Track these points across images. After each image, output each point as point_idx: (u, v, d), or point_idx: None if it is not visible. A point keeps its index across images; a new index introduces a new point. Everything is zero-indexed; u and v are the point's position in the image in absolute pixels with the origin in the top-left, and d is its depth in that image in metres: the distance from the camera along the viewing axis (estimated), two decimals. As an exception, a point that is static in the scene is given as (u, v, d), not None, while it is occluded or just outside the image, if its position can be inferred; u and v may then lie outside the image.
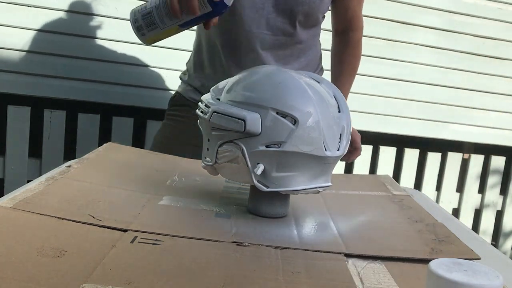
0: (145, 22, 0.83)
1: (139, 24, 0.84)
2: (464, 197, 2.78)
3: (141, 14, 0.83)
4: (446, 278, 0.41)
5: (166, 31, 0.85)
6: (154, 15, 0.82)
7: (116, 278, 0.52)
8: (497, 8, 2.54)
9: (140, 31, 0.85)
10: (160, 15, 0.82)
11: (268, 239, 0.70)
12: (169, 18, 0.82)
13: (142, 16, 0.83)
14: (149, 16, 0.83)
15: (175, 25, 0.84)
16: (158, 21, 0.83)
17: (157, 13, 0.82)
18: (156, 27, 0.83)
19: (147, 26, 0.84)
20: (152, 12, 0.82)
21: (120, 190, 0.83)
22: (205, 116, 0.76)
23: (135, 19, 0.84)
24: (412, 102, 2.53)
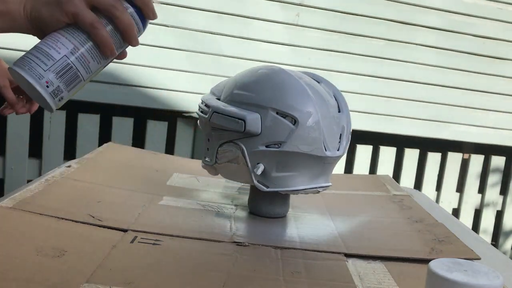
0: (65, 80, 0.56)
1: (56, 87, 0.55)
2: (464, 197, 2.78)
3: (54, 71, 0.55)
4: (446, 278, 0.41)
5: (87, 80, 0.60)
6: (75, 65, 0.56)
7: (116, 278, 0.52)
8: (497, 8, 2.54)
9: (57, 96, 0.56)
10: (84, 62, 0.57)
11: (268, 239, 0.70)
12: (96, 61, 0.58)
13: (58, 74, 0.55)
14: (69, 69, 0.56)
15: (101, 68, 0.60)
16: (82, 72, 0.57)
17: (79, 61, 0.56)
18: (80, 80, 0.57)
19: (67, 85, 0.56)
20: (70, 63, 0.55)
21: (120, 190, 0.83)
22: (205, 116, 0.76)
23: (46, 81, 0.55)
24: (412, 102, 2.53)
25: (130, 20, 0.58)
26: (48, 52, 0.54)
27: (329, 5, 2.35)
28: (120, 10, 0.56)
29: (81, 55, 0.56)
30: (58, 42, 0.55)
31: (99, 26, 0.55)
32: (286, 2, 2.30)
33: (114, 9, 0.56)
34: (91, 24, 0.55)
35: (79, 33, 0.56)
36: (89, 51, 0.56)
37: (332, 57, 2.40)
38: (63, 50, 0.55)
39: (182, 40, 2.18)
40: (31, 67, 0.54)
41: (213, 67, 2.24)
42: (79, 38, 0.56)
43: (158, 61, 2.19)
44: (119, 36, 0.58)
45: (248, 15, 2.26)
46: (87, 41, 0.56)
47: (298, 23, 2.33)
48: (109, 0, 0.56)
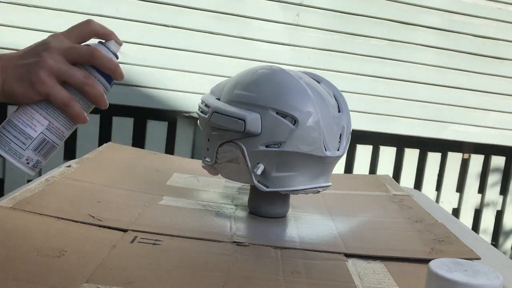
0: (43, 153, 0.58)
1: (36, 161, 0.58)
2: (464, 197, 2.78)
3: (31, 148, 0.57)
4: (446, 278, 0.41)
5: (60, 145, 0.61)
6: (51, 139, 0.58)
7: (116, 278, 0.52)
8: (497, 8, 2.54)
9: (36, 167, 0.59)
10: (58, 134, 0.58)
11: (268, 239, 0.70)
12: (68, 128, 0.60)
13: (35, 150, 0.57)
14: (45, 143, 0.58)
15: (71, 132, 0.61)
16: (58, 142, 0.59)
17: (54, 134, 0.58)
18: (56, 148, 0.60)
19: (45, 156, 0.59)
20: (46, 138, 0.57)
21: (120, 190, 0.83)
22: (205, 116, 0.76)
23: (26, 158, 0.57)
24: (412, 102, 2.53)
25: (101, 91, 0.60)
26: (24, 131, 0.57)
27: (329, 5, 2.35)
28: (90, 85, 0.58)
29: (56, 129, 0.58)
30: (33, 120, 0.57)
31: (72, 104, 0.57)
32: (286, 2, 2.30)
33: (85, 86, 0.58)
34: (64, 103, 0.57)
35: (52, 109, 0.58)
36: (63, 124, 0.59)
37: (332, 57, 2.40)
38: (38, 127, 0.57)
39: (182, 40, 2.19)
40: (11, 147, 0.57)
41: (213, 67, 2.24)
42: (53, 114, 0.58)
43: (158, 61, 2.19)
44: (90, 103, 0.60)
45: (248, 15, 2.26)
46: (61, 115, 0.58)
47: (298, 23, 2.33)
48: (80, 77, 0.58)
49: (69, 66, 0.57)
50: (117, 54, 0.63)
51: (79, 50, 0.58)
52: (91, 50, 0.58)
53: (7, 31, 1.93)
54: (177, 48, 2.19)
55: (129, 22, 2.12)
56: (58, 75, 0.57)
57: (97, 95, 0.59)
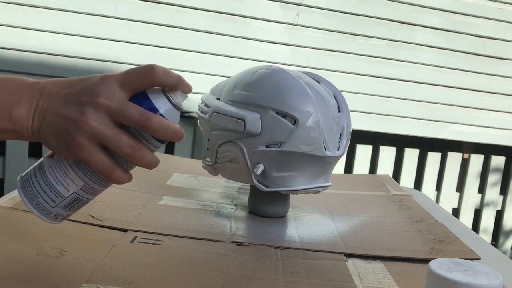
0: (73, 208, 0.53)
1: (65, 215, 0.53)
2: (464, 197, 2.78)
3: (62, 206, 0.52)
4: (446, 278, 0.41)
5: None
6: (83, 197, 0.53)
7: (116, 278, 0.52)
8: (497, 8, 2.54)
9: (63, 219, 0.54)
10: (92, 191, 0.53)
11: (268, 239, 0.70)
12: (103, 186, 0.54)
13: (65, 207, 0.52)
14: (77, 202, 0.53)
15: None
16: (90, 197, 0.54)
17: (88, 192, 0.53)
18: (87, 202, 0.55)
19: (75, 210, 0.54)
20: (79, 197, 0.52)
21: (120, 190, 0.83)
22: (205, 116, 0.76)
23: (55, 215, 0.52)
24: (412, 102, 2.53)
25: (150, 160, 0.51)
26: (56, 189, 0.51)
27: (329, 5, 2.35)
28: (138, 157, 0.50)
29: (91, 189, 0.52)
30: (67, 178, 0.51)
31: (114, 172, 0.50)
32: (286, 2, 2.30)
33: (131, 158, 0.50)
34: (104, 173, 0.50)
35: (90, 171, 0.51)
36: (99, 184, 0.53)
37: (332, 57, 2.40)
38: (72, 187, 0.51)
39: (182, 40, 2.19)
40: (39, 202, 0.51)
41: (213, 67, 2.24)
42: (90, 176, 0.51)
43: (158, 61, 2.18)
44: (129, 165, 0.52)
45: (248, 15, 2.26)
46: (98, 178, 0.52)
47: (298, 23, 2.33)
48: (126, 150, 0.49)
49: (114, 131, 0.48)
50: (181, 106, 0.52)
51: (131, 115, 0.48)
52: (145, 118, 0.48)
53: (7, 31, 1.93)
54: (177, 48, 2.19)
55: (129, 22, 2.12)
56: (100, 140, 0.48)
57: (145, 165, 0.51)
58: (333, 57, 2.40)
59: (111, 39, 2.11)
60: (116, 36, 2.11)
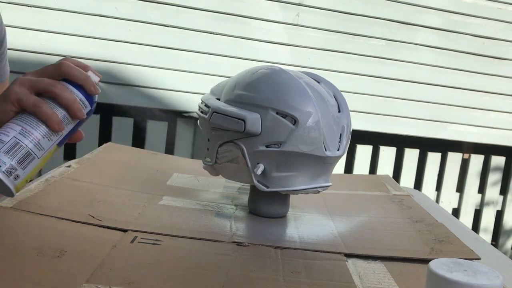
0: (16, 159, 0.57)
1: (8, 166, 0.56)
2: (464, 197, 2.78)
3: (3, 152, 0.56)
4: (446, 278, 0.41)
5: (44, 158, 0.60)
6: (23, 143, 0.58)
7: (116, 278, 0.52)
8: (497, 8, 2.54)
9: (12, 174, 0.57)
10: (32, 139, 0.58)
11: (268, 239, 0.70)
12: (47, 138, 0.60)
13: (7, 153, 0.57)
14: (17, 147, 0.57)
15: (54, 145, 0.61)
16: (34, 149, 0.58)
17: (27, 138, 0.58)
18: (33, 157, 0.58)
19: (21, 163, 0.57)
20: (19, 142, 0.57)
21: (120, 190, 0.83)
22: (205, 116, 0.76)
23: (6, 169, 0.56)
24: (412, 102, 2.53)
25: (71, 95, 0.61)
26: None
27: (329, 5, 2.35)
28: (58, 88, 0.60)
29: (28, 133, 0.58)
30: (7, 128, 0.59)
31: (41, 105, 0.59)
32: (286, 2, 2.30)
33: (53, 87, 0.60)
34: (33, 104, 0.59)
35: (26, 116, 0.59)
36: (37, 129, 0.59)
37: (332, 57, 2.40)
38: (11, 132, 0.58)
39: (182, 40, 2.19)
40: None
41: (213, 67, 2.24)
42: (26, 119, 0.59)
43: (158, 61, 2.19)
44: (64, 112, 0.61)
45: (248, 15, 2.26)
46: (34, 120, 0.59)
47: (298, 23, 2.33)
48: (48, 81, 0.61)
49: (38, 78, 0.61)
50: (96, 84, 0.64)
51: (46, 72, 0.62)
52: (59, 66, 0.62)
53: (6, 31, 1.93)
54: (177, 48, 2.20)
55: (129, 22, 2.12)
56: (29, 85, 0.60)
57: (68, 97, 0.61)
58: (333, 57, 2.40)
59: (111, 39, 2.11)
60: (116, 36, 2.11)
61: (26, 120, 0.59)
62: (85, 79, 0.63)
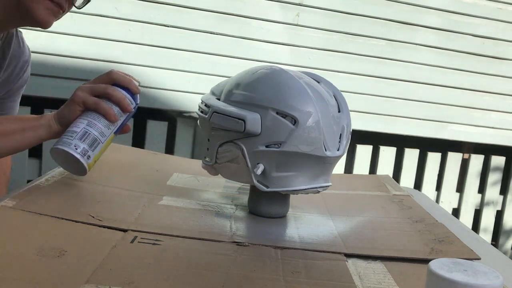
0: (87, 143, 0.77)
1: (82, 148, 0.76)
2: (464, 197, 2.78)
3: (77, 138, 0.77)
4: (446, 278, 0.41)
5: (106, 143, 0.81)
6: (91, 131, 0.78)
7: (116, 278, 0.52)
8: (497, 8, 2.54)
9: (85, 155, 0.77)
10: (97, 128, 0.79)
11: (268, 239, 0.70)
12: (107, 127, 0.80)
13: (80, 139, 0.77)
14: (87, 135, 0.78)
15: (112, 133, 0.82)
16: (99, 136, 0.79)
17: (94, 128, 0.78)
18: (98, 143, 0.79)
19: (90, 146, 0.77)
20: (88, 131, 0.78)
21: (120, 190, 0.83)
22: (205, 116, 0.76)
23: (73, 145, 0.76)
24: (412, 102, 2.53)
25: (120, 94, 0.82)
26: (72, 130, 0.79)
27: (329, 5, 2.35)
28: (111, 90, 0.82)
29: (93, 124, 0.79)
30: (77, 123, 0.79)
31: (100, 103, 0.80)
32: (286, 2, 2.30)
33: (107, 89, 0.81)
34: (94, 103, 0.80)
35: (90, 113, 0.80)
36: (98, 120, 0.80)
37: (332, 57, 2.40)
38: (81, 125, 0.79)
39: (182, 40, 2.19)
40: (63, 141, 0.77)
41: (213, 67, 2.24)
42: (90, 115, 0.80)
43: (158, 61, 2.19)
44: (117, 108, 0.82)
45: (248, 15, 2.26)
46: (95, 115, 0.80)
47: (298, 23, 2.33)
48: (103, 86, 0.82)
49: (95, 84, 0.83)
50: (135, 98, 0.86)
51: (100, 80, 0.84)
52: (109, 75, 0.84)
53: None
54: (177, 48, 2.19)
55: (129, 22, 2.12)
56: (89, 90, 0.81)
57: (119, 96, 0.82)
58: (333, 57, 2.40)
59: (111, 39, 2.11)
60: (116, 36, 2.11)
61: (90, 116, 0.79)
62: (130, 82, 0.84)
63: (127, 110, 0.83)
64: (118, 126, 0.83)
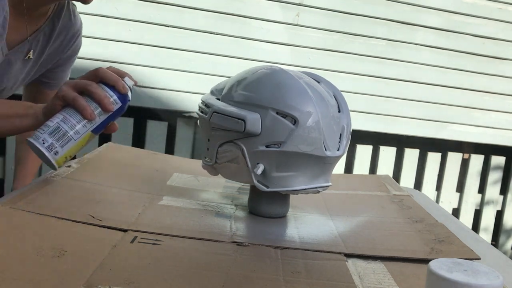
0: (56, 138, 0.76)
1: (49, 143, 0.75)
2: (464, 197, 2.78)
3: (47, 132, 0.76)
4: (446, 278, 0.41)
5: (80, 141, 0.78)
6: (63, 127, 0.76)
7: (116, 278, 0.52)
8: (497, 8, 2.54)
9: (52, 150, 0.75)
10: (70, 125, 0.77)
11: (268, 239, 0.70)
12: (81, 124, 0.77)
13: (50, 133, 0.76)
14: (58, 130, 0.76)
15: (88, 131, 0.79)
16: (71, 132, 0.76)
17: (67, 124, 0.76)
18: (69, 139, 0.77)
19: (58, 142, 0.76)
20: (60, 126, 0.76)
21: (120, 190, 0.83)
22: (205, 116, 0.76)
23: (42, 139, 0.75)
24: (412, 102, 2.53)
25: (102, 92, 0.79)
26: (46, 124, 0.77)
27: (329, 5, 2.35)
28: (93, 87, 0.78)
29: (67, 120, 0.77)
30: (53, 117, 0.78)
31: (78, 99, 0.77)
32: (286, 2, 2.30)
33: (88, 86, 0.78)
34: (73, 98, 0.77)
35: (68, 108, 0.78)
36: (74, 117, 0.77)
37: (332, 57, 2.40)
38: (55, 120, 0.77)
39: (182, 40, 2.19)
40: (35, 134, 0.76)
41: (212, 67, 2.24)
42: (67, 110, 0.78)
43: (158, 61, 2.19)
44: (97, 105, 0.79)
45: (248, 15, 2.26)
46: (72, 111, 0.77)
47: (298, 23, 2.33)
48: (86, 82, 0.79)
49: (79, 80, 0.80)
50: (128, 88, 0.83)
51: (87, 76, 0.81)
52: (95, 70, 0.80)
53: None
54: (177, 48, 2.19)
55: (129, 22, 2.12)
56: (72, 85, 0.79)
57: (100, 94, 0.78)
58: (333, 57, 2.40)
59: (111, 39, 2.11)
60: (116, 36, 2.11)
61: (67, 111, 0.77)
62: (116, 81, 0.80)
63: (107, 109, 0.79)
64: (97, 125, 0.79)
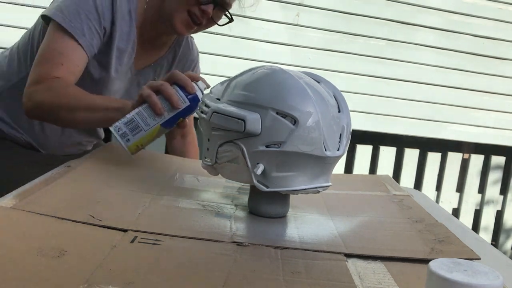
0: (129, 128, 0.89)
1: (123, 131, 0.89)
2: (464, 197, 2.78)
3: (123, 122, 0.89)
4: (446, 278, 0.41)
5: (149, 132, 0.90)
6: (136, 119, 0.89)
7: (116, 278, 0.52)
8: (497, 8, 2.54)
9: (124, 138, 0.89)
10: (142, 117, 0.89)
11: (268, 239, 0.70)
12: (152, 118, 0.90)
13: (125, 124, 0.89)
14: (132, 121, 0.89)
15: (158, 124, 0.91)
16: (142, 124, 0.89)
17: (139, 117, 0.89)
18: (140, 130, 0.89)
19: (131, 131, 0.89)
20: (134, 118, 0.89)
21: (120, 190, 0.83)
22: (205, 116, 0.76)
23: (117, 127, 0.89)
24: (412, 102, 2.53)
25: (172, 91, 0.90)
26: (125, 116, 0.90)
27: (329, 5, 2.35)
28: (164, 86, 0.90)
29: (141, 113, 0.90)
30: (132, 111, 0.90)
31: (152, 96, 0.89)
32: (286, 2, 2.30)
33: (160, 85, 0.90)
34: (147, 95, 0.90)
35: (144, 104, 0.90)
36: (146, 111, 0.90)
37: (332, 57, 2.40)
38: (132, 113, 0.90)
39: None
40: (115, 125, 0.90)
41: (213, 67, 2.24)
42: (143, 106, 0.90)
43: (158, 61, 2.18)
44: (167, 103, 0.90)
45: (248, 15, 2.26)
46: (146, 106, 0.90)
47: (298, 23, 2.33)
48: (159, 82, 0.91)
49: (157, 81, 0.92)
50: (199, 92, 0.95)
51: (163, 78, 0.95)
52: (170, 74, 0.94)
53: (7, 31, 1.93)
54: (177, 48, 2.19)
55: (129, 22, 2.11)
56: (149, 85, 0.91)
57: (169, 93, 0.90)
58: (333, 57, 2.40)
59: (111, 39, 2.10)
60: (116, 36, 2.10)
61: (142, 106, 0.90)
62: (186, 82, 0.92)
63: (175, 106, 0.90)
64: (166, 119, 0.91)
